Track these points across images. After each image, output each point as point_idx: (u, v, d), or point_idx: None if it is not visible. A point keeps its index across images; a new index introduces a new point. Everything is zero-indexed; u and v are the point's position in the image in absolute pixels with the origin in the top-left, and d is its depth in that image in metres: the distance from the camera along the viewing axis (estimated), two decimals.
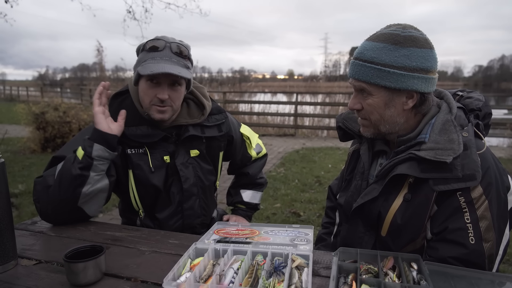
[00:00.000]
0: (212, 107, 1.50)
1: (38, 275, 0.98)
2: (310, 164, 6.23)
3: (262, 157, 1.79)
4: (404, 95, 1.05)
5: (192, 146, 1.45)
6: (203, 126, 1.46)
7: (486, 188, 0.98)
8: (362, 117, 1.14)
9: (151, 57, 1.28)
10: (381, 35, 1.05)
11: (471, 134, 1.03)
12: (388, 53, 1.02)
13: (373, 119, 1.10)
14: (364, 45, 1.07)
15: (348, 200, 1.24)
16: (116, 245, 1.17)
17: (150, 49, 1.29)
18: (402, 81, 1.02)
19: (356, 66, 1.07)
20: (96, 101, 1.29)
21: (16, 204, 4.00)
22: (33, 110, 6.77)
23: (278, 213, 3.86)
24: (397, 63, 1.01)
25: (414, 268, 0.91)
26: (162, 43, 1.29)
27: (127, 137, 1.34)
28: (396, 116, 1.08)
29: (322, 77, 24.53)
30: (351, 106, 1.13)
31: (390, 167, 1.08)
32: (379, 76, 1.02)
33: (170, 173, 1.41)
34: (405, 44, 1.01)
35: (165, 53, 1.28)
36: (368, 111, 1.10)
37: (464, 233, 0.97)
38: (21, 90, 29.35)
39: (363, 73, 1.05)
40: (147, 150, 1.37)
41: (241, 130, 1.66)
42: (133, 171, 1.37)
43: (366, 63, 1.04)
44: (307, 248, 1.07)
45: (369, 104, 1.08)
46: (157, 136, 1.36)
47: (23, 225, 1.34)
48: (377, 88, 1.05)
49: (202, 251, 1.04)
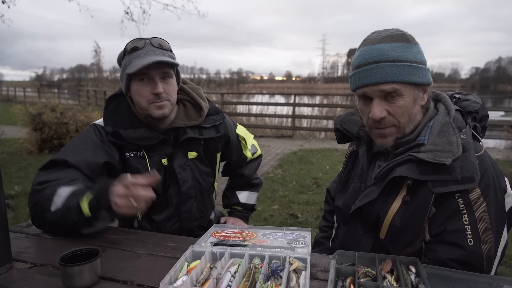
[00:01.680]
0: (209, 108, 1.50)
1: (33, 278, 0.97)
2: (308, 165, 6.22)
3: (257, 158, 1.79)
4: (421, 89, 1.07)
5: (190, 148, 1.44)
6: (201, 128, 1.45)
7: (484, 190, 0.98)
8: (389, 124, 1.06)
9: (135, 56, 1.27)
10: (390, 36, 1.05)
11: (469, 136, 1.04)
12: (408, 50, 1.03)
13: (403, 121, 1.06)
14: (380, 48, 1.02)
15: (346, 202, 1.23)
16: (112, 248, 1.16)
17: (131, 50, 1.28)
18: (427, 76, 1.06)
19: (381, 69, 1.01)
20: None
21: (12, 205, 3.98)
22: (30, 111, 6.75)
23: (276, 215, 3.85)
24: (417, 58, 1.04)
25: (412, 271, 0.91)
26: (141, 42, 1.29)
27: (125, 140, 1.32)
28: (417, 113, 1.09)
29: (320, 79, 24.56)
30: (379, 116, 1.03)
31: (389, 169, 1.07)
32: (411, 73, 1.02)
33: (168, 175, 1.40)
34: (413, 41, 1.06)
35: (147, 49, 1.28)
36: (398, 114, 1.04)
37: (462, 234, 0.97)
38: (18, 91, 29.22)
39: (395, 73, 1.01)
40: (145, 153, 1.36)
41: (237, 131, 1.66)
42: (131, 174, 1.36)
43: (395, 63, 1.01)
44: (305, 251, 1.07)
45: (400, 106, 1.03)
46: (155, 139, 1.35)
47: (18, 228, 1.33)
48: (407, 86, 1.03)
49: (199, 254, 1.03)
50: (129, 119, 1.35)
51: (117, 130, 1.31)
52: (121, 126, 1.33)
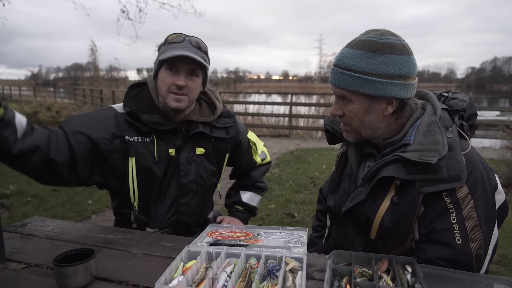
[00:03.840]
0: (222, 110, 1.54)
1: (27, 279, 0.96)
2: (304, 165, 6.23)
3: (266, 164, 1.82)
4: (383, 101, 1.05)
5: (199, 144, 1.46)
6: (212, 126, 1.49)
7: (472, 188, 0.98)
8: (344, 123, 1.14)
9: (171, 47, 1.33)
10: (359, 42, 1.04)
11: (455, 135, 1.04)
12: (366, 60, 1.01)
13: (354, 125, 1.11)
14: (343, 52, 1.07)
15: (337, 203, 1.23)
16: (107, 248, 1.16)
17: (170, 41, 1.36)
18: (380, 89, 1.02)
19: (335, 73, 1.07)
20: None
21: (7, 205, 3.95)
22: (25, 109, 6.74)
23: (272, 214, 3.85)
24: (375, 70, 1.01)
25: (408, 271, 0.91)
26: (182, 37, 1.37)
27: (140, 121, 1.35)
28: (376, 122, 1.09)
29: (317, 78, 24.55)
30: (333, 112, 1.14)
31: (376, 169, 1.07)
32: (358, 84, 1.02)
33: (172, 166, 1.42)
34: (383, 51, 1.01)
35: (184, 44, 1.35)
36: (349, 117, 1.10)
37: (450, 233, 0.98)
38: (13, 90, 29.06)
39: (342, 81, 1.05)
40: (154, 139, 1.38)
41: (248, 136, 1.69)
42: (136, 159, 1.37)
43: (345, 71, 1.04)
44: (301, 250, 1.06)
45: (349, 111, 1.09)
46: (167, 126, 1.38)
47: (13, 228, 1.32)
48: (356, 95, 1.05)
49: (195, 254, 1.03)
50: (147, 105, 1.40)
51: (134, 111, 1.35)
52: (139, 110, 1.37)
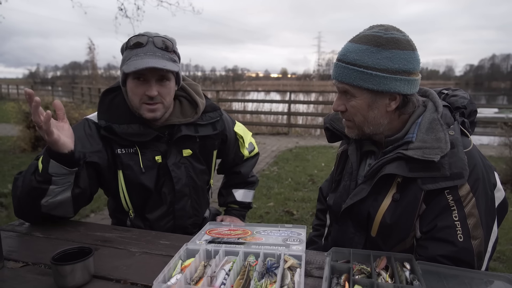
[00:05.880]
0: (206, 105, 1.47)
1: (25, 277, 0.95)
2: (303, 162, 6.23)
3: (254, 156, 1.78)
4: (387, 97, 1.05)
5: (185, 145, 1.42)
6: (197, 125, 1.43)
7: (473, 186, 0.99)
8: (346, 119, 1.14)
9: (135, 54, 1.25)
10: (364, 36, 1.04)
11: (457, 132, 1.04)
12: (370, 55, 1.01)
13: (357, 120, 1.10)
14: (347, 47, 1.06)
15: (337, 201, 1.23)
16: (105, 246, 1.15)
17: (133, 46, 1.26)
18: (384, 84, 1.01)
19: (339, 68, 1.06)
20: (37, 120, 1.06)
21: (5, 204, 3.94)
22: (23, 108, 6.68)
23: (271, 212, 3.86)
24: (379, 65, 1.00)
25: (407, 268, 0.91)
26: (144, 39, 1.26)
27: (118, 135, 1.30)
28: (379, 117, 1.08)
29: (316, 76, 24.53)
30: (335, 108, 1.13)
31: (378, 167, 1.07)
32: (362, 79, 1.02)
33: (162, 173, 1.39)
34: (387, 46, 1.01)
35: (148, 48, 1.25)
36: (351, 112, 1.09)
37: (452, 231, 0.98)
38: (11, 88, 28.93)
39: (346, 75, 1.04)
40: (138, 150, 1.34)
41: (235, 129, 1.64)
42: (123, 172, 1.34)
43: (349, 65, 1.03)
44: (299, 248, 1.06)
45: (352, 106, 1.08)
46: (149, 136, 1.33)
47: (10, 226, 1.31)
48: (360, 90, 1.05)
49: (194, 252, 1.03)
50: (124, 114, 1.33)
51: (110, 125, 1.29)
52: (115, 121, 1.31)
